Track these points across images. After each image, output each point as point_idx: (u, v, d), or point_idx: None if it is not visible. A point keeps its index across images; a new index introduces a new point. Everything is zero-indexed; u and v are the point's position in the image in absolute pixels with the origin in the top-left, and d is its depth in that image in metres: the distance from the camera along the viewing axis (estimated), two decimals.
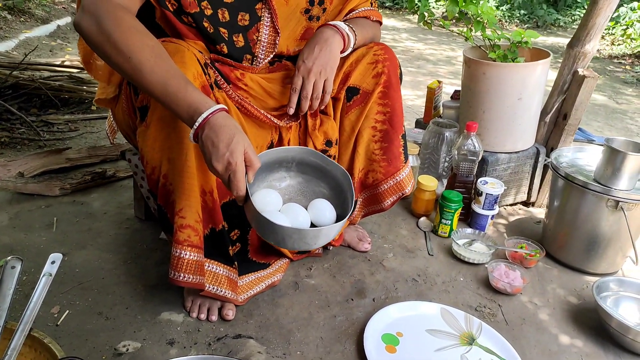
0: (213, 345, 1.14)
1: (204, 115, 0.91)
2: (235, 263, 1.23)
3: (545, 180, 1.89)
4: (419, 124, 2.16)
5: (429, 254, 1.59)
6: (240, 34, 1.16)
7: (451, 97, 2.13)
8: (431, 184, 1.75)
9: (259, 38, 1.18)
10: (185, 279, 1.10)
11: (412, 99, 3.28)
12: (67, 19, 3.97)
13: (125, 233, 1.52)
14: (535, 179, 1.88)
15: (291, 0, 1.19)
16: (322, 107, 1.25)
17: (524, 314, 1.37)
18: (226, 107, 0.96)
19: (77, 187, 1.69)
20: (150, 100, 1.04)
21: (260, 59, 1.21)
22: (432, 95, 2.07)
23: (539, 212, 1.91)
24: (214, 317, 1.21)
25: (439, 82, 2.09)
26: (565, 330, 1.32)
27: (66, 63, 2.70)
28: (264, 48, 1.20)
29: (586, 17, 1.70)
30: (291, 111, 1.21)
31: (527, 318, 1.35)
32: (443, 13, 6.21)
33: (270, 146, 1.24)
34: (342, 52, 1.23)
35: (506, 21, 7.02)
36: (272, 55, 1.22)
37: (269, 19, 1.17)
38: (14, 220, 1.53)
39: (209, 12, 1.10)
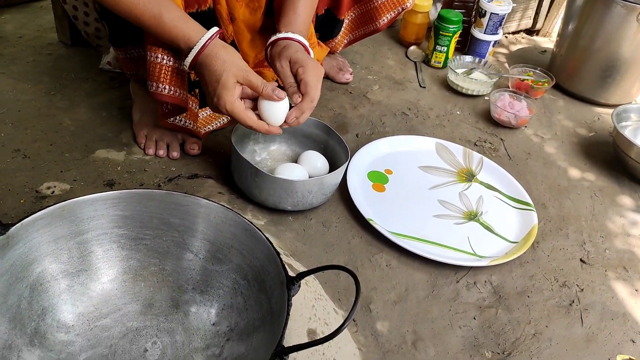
0: (164, 187, 0.93)
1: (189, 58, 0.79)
2: (197, 90, 0.97)
3: (556, 1, 1.61)
4: None
5: (421, 86, 1.35)
6: None
7: None
8: (425, 3, 1.46)
9: None
10: (171, 92, 0.87)
11: None
12: None
13: (47, 60, 1.21)
14: (544, 0, 1.60)
15: None
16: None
17: (529, 148, 1.19)
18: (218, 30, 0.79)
19: None
20: None
21: None
22: None
23: (544, 42, 1.66)
24: (176, 154, 0.99)
25: None
26: (575, 164, 1.16)
27: None
28: None
29: None
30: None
31: (532, 152, 1.18)
32: None
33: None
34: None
35: None
36: None
37: None
38: None
39: None
